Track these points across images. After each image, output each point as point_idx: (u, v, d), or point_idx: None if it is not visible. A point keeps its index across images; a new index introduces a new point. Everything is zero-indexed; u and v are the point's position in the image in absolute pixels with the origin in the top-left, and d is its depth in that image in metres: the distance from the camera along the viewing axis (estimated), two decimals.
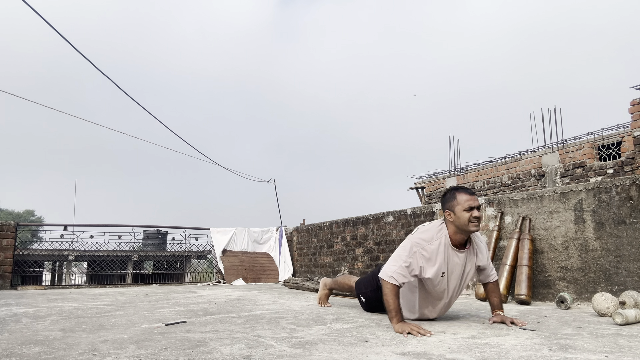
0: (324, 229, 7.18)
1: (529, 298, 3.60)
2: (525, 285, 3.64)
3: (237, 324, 2.57)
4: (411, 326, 2.22)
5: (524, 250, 3.79)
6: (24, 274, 7.92)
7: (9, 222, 6.34)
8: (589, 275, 3.47)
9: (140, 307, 3.49)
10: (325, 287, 3.62)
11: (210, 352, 1.78)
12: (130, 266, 13.90)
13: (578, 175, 9.19)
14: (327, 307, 3.47)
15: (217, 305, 3.65)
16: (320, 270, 7.10)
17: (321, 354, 1.75)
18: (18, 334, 2.26)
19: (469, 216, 2.40)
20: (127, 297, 4.50)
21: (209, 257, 8.97)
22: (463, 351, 1.80)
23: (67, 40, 6.17)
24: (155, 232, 15.10)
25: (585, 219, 3.54)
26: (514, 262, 3.84)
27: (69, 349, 1.87)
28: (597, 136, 9.55)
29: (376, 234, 5.95)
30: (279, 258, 7.96)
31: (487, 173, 11.40)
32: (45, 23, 5.79)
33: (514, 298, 3.70)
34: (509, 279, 3.78)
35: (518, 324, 2.44)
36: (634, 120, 7.83)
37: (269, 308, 3.40)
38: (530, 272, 3.72)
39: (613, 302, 2.78)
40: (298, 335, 2.17)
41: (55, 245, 7.86)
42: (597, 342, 1.97)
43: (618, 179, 3.41)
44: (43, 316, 2.99)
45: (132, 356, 1.72)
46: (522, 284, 3.65)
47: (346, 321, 2.65)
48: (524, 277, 3.67)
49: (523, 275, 3.68)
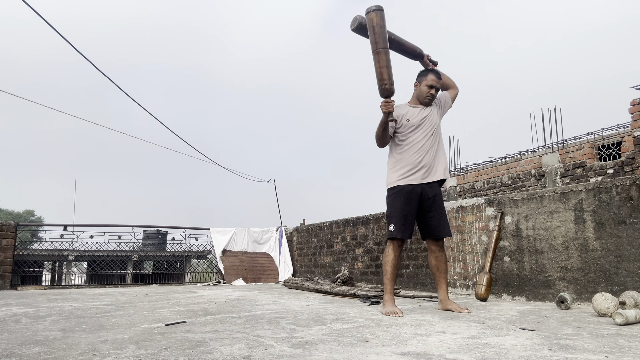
0: (324, 229, 7.18)
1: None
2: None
3: (237, 324, 2.57)
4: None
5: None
6: (23, 274, 7.92)
7: (9, 222, 6.34)
8: (589, 276, 3.47)
9: (140, 307, 3.48)
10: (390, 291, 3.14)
11: (210, 352, 1.77)
12: (130, 266, 13.91)
13: (578, 175, 9.19)
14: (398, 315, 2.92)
15: (217, 305, 3.65)
16: (320, 270, 7.10)
17: (321, 354, 1.75)
18: (18, 334, 2.26)
19: (427, 91, 3.19)
20: (127, 297, 4.49)
21: (208, 257, 8.97)
22: (463, 351, 1.80)
23: (68, 41, 6.17)
24: (155, 232, 15.11)
25: (586, 219, 3.54)
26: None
27: (69, 349, 1.87)
28: (597, 136, 9.55)
29: (376, 234, 5.95)
30: (279, 258, 7.95)
31: (487, 173, 11.40)
32: (47, 25, 5.79)
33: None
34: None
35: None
36: (634, 120, 7.82)
37: (269, 308, 3.39)
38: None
39: (613, 302, 2.78)
40: (298, 336, 2.17)
41: (55, 245, 7.87)
42: (597, 342, 1.97)
43: (618, 179, 3.41)
44: (43, 316, 2.99)
45: (132, 356, 1.72)
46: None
47: (346, 321, 2.65)
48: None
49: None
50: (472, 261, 4.46)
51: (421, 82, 3.23)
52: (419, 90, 3.24)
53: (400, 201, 3.12)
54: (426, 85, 3.19)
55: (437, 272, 3.21)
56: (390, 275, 3.09)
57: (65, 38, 6.12)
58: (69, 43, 6.22)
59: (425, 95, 3.21)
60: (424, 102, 3.24)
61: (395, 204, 3.14)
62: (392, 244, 3.13)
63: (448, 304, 3.14)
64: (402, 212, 3.10)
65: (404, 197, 3.11)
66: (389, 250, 3.12)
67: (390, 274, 3.09)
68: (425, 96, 3.21)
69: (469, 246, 4.49)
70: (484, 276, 3.91)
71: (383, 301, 3.11)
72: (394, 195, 3.16)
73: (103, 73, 6.94)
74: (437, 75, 3.25)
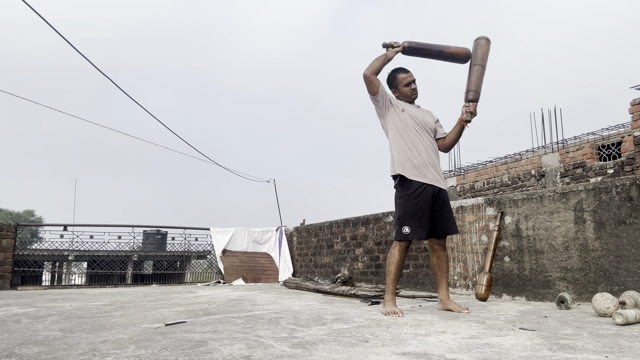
0: (323, 229, 7.18)
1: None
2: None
3: (237, 324, 2.57)
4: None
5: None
6: (23, 274, 7.92)
7: (8, 222, 6.34)
8: (589, 276, 3.47)
9: (140, 307, 3.48)
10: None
11: (210, 352, 1.77)
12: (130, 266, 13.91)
13: (578, 176, 9.19)
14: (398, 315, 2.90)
15: (217, 305, 3.65)
16: (320, 270, 7.10)
17: (321, 354, 1.75)
18: (18, 334, 2.26)
19: (409, 89, 3.19)
20: (127, 297, 4.49)
21: (208, 257, 8.96)
22: (463, 351, 1.80)
23: (68, 41, 6.17)
24: (155, 232, 15.11)
25: (586, 219, 3.54)
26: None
27: (69, 349, 1.87)
28: (597, 136, 9.55)
29: (376, 234, 5.95)
30: (279, 258, 7.95)
31: (487, 173, 11.40)
32: (47, 25, 5.79)
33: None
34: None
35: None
36: (634, 120, 7.82)
37: (269, 308, 3.39)
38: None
39: (613, 302, 2.78)
40: (298, 336, 2.17)
41: (55, 245, 7.86)
42: (597, 342, 1.97)
43: (618, 179, 3.41)
44: (43, 316, 2.99)
45: (132, 356, 1.72)
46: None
47: (346, 321, 2.65)
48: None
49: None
50: (472, 261, 4.46)
51: (398, 87, 3.23)
52: (400, 94, 3.24)
53: (414, 202, 3.03)
54: (403, 86, 3.20)
55: (439, 271, 3.19)
56: (393, 276, 3.05)
57: (65, 38, 6.12)
58: (68, 43, 6.22)
59: (410, 95, 3.22)
60: (412, 98, 3.25)
61: (409, 204, 3.04)
62: (399, 245, 3.05)
63: (448, 303, 3.14)
64: (417, 213, 3.01)
65: (418, 197, 3.03)
66: (395, 251, 3.05)
67: (394, 274, 3.04)
68: (410, 95, 3.22)
69: (469, 246, 4.49)
70: (484, 276, 3.91)
71: (384, 301, 3.09)
72: (407, 196, 3.05)
73: (102, 72, 6.94)
74: (405, 69, 3.23)
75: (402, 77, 3.20)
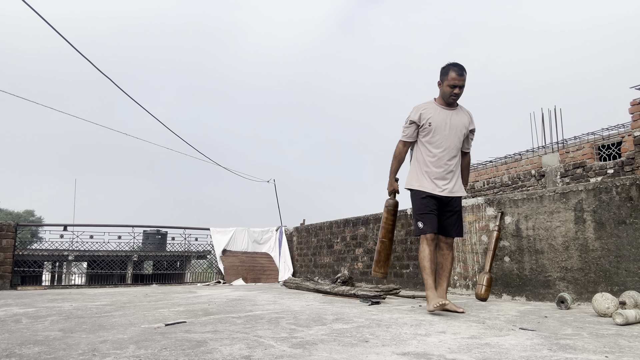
0: (324, 229, 7.18)
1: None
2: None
3: (237, 324, 2.56)
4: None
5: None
6: (23, 274, 7.91)
7: (8, 222, 6.34)
8: (589, 276, 3.47)
9: (140, 307, 3.48)
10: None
11: (210, 352, 1.77)
12: (130, 266, 13.91)
13: (578, 176, 9.19)
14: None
15: (217, 305, 3.65)
16: (320, 270, 7.10)
17: (321, 354, 1.75)
18: (18, 334, 2.26)
19: (450, 91, 3.11)
20: (127, 297, 4.49)
21: (208, 257, 8.96)
22: (463, 351, 1.80)
23: (67, 40, 6.17)
24: (155, 232, 15.10)
25: (586, 219, 3.54)
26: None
27: (69, 349, 1.87)
28: (597, 136, 9.54)
29: (376, 234, 5.94)
30: (279, 258, 7.95)
31: (487, 173, 11.39)
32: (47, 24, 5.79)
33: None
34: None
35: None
36: (634, 120, 7.82)
37: (269, 308, 3.39)
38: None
39: (613, 302, 2.78)
40: (298, 336, 2.17)
41: (55, 245, 7.86)
42: (597, 342, 1.97)
43: (618, 179, 3.41)
44: (43, 316, 2.99)
45: (132, 356, 1.72)
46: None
47: (346, 321, 2.65)
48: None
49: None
50: (472, 261, 4.46)
51: (443, 82, 3.14)
52: (442, 90, 3.17)
53: (422, 198, 3.15)
54: (448, 85, 3.10)
55: (441, 270, 3.20)
56: (429, 270, 3.03)
57: (64, 36, 6.11)
58: (68, 42, 6.22)
59: (449, 96, 3.13)
60: (449, 102, 3.17)
61: (419, 201, 3.16)
62: (425, 239, 3.10)
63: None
64: (427, 207, 3.11)
65: (425, 194, 3.15)
66: (423, 246, 3.09)
67: (429, 268, 3.03)
68: (449, 96, 3.14)
69: (469, 246, 4.49)
70: (484, 276, 3.91)
71: (427, 299, 3.04)
72: (415, 193, 3.20)
73: (101, 71, 6.94)
74: (460, 71, 3.09)
75: (452, 77, 3.09)
